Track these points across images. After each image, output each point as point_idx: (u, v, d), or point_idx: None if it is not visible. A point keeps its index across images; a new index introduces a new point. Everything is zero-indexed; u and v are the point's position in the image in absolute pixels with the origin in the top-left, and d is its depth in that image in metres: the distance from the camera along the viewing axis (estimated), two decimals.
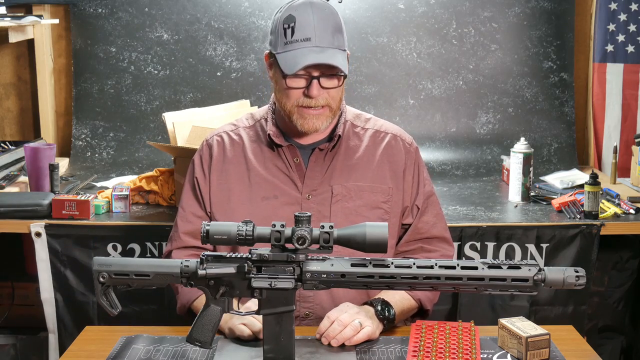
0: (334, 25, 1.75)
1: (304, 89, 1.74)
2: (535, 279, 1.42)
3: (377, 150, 1.89)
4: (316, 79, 1.73)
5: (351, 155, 1.87)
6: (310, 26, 1.72)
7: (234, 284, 1.49)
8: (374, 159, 1.88)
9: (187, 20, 3.27)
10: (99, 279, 1.50)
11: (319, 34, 1.72)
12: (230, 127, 1.93)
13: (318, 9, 1.74)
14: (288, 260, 1.46)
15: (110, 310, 1.53)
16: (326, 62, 1.71)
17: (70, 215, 2.42)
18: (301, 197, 1.83)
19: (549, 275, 1.42)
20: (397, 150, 1.90)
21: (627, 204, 2.59)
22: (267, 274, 1.47)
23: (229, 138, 1.90)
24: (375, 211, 1.84)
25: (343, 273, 1.46)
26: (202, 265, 1.48)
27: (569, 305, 2.50)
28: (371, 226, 1.43)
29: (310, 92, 1.73)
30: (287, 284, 1.47)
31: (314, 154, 1.85)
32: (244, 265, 1.47)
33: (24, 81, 3.36)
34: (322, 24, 1.73)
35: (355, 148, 1.88)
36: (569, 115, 3.32)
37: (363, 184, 1.85)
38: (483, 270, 1.43)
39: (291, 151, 1.85)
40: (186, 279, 1.49)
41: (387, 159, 1.88)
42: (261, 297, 1.48)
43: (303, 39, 1.72)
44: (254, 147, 1.88)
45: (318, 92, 1.74)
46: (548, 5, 3.29)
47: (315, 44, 1.72)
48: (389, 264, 1.45)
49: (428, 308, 1.87)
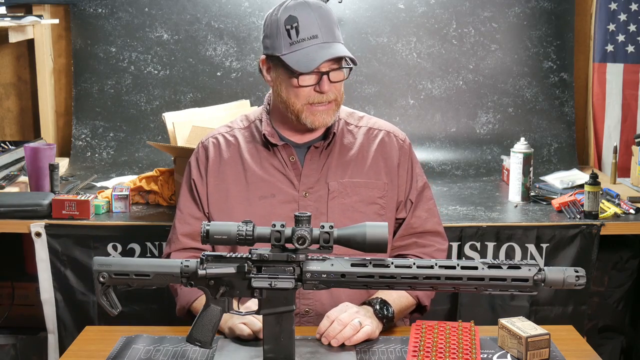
0: (334, 20, 1.80)
1: (315, 85, 1.77)
2: (535, 279, 1.42)
3: (371, 147, 1.91)
4: (326, 74, 1.76)
5: (346, 153, 1.89)
6: (314, 24, 1.75)
7: (234, 284, 1.49)
8: (368, 156, 1.90)
9: (187, 20, 3.27)
10: (99, 279, 1.50)
11: (324, 31, 1.76)
12: (225, 129, 1.95)
13: (315, 7, 1.78)
14: (288, 260, 1.46)
15: (110, 310, 1.53)
16: (342, 55, 1.76)
17: (70, 215, 2.42)
18: (298, 194, 1.84)
19: (549, 275, 1.42)
20: (390, 146, 1.92)
21: (627, 204, 2.59)
22: (267, 274, 1.47)
23: (225, 139, 1.91)
24: (371, 206, 1.86)
25: (343, 273, 1.46)
26: (202, 265, 1.48)
27: (569, 305, 2.50)
28: (371, 226, 1.44)
29: (322, 87, 1.77)
30: (287, 284, 1.47)
31: (309, 152, 1.86)
32: (244, 265, 1.47)
33: (24, 81, 3.36)
34: (324, 21, 1.77)
35: (349, 145, 1.90)
36: (569, 115, 3.32)
37: (359, 180, 1.87)
38: (483, 270, 1.43)
39: (287, 150, 1.86)
40: (186, 279, 1.49)
41: (381, 155, 1.90)
42: (261, 297, 1.48)
43: (310, 36, 1.75)
44: (249, 148, 1.89)
45: (329, 87, 1.77)
46: (548, 5, 3.29)
47: (323, 40, 1.75)
48: (389, 264, 1.46)
49: (426, 304, 1.87)
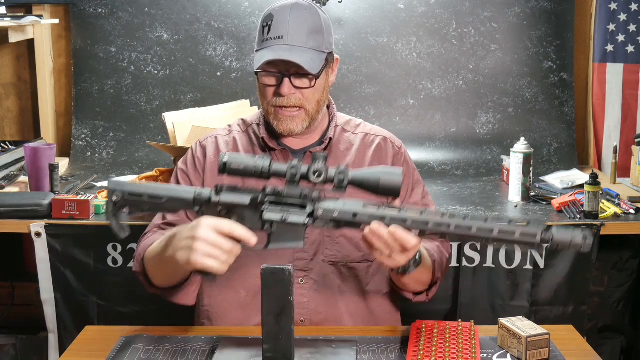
0: (312, 26, 1.76)
1: (276, 87, 1.76)
2: (543, 236, 1.42)
3: (368, 152, 1.90)
4: (287, 77, 1.74)
5: (342, 158, 1.88)
6: (284, 25, 1.73)
7: (245, 215, 1.49)
8: (364, 161, 1.89)
9: (187, 20, 3.27)
10: (111, 198, 1.49)
11: (292, 33, 1.73)
12: (224, 131, 1.95)
13: (298, 9, 1.75)
14: (302, 195, 1.48)
15: (118, 232, 1.53)
16: (287, 59, 1.71)
17: (70, 215, 2.42)
18: None
19: (557, 235, 1.42)
20: (386, 151, 1.92)
21: (627, 204, 2.59)
22: (280, 207, 1.48)
23: (224, 140, 1.91)
24: None
25: (355, 213, 1.46)
26: (217, 193, 1.48)
27: (569, 305, 2.50)
28: (385, 170, 1.46)
29: (281, 90, 1.75)
30: (299, 218, 1.47)
31: (305, 158, 1.86)
32: (257, 197, 1.48)
33: (24, 81, 3.36)
34: (297, 24, 1.74)
35: (345, 151, 1.90)
36: (569, 115, 3.32)
37: None
38: (492, 223, 1.43)
39: (284, 155, 1.86)
40: (199, 205, 1.49)
41: (377, 160, 1.90)
42: (271, 230, 1.49)
43: (276, 37, 1.74)
44: (247, 151, 1.89)
45: (289, 91, 1.75)
46: (548, 5, 3.29)
47: (286, 42, 1.73)
48: (401, 209, 1.46)
49: (438, 276, 1.84)
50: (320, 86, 1.78)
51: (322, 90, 1.80)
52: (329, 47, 1.80)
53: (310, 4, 1.79)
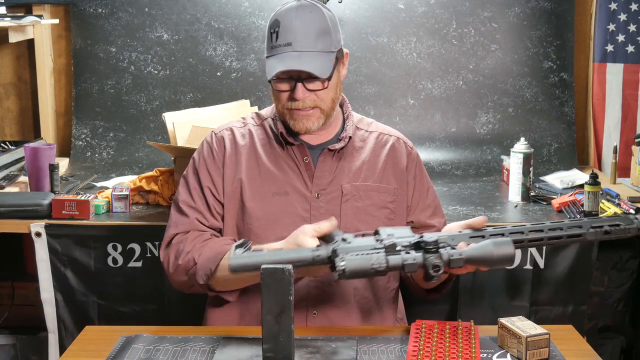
0: (319, 28, 1.76)
1: (290, 91, 1.77)
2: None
3: (382, 152, 1.93)
4: (300, 81, 1.75)
5: (358, 157, 1.91)
6: (292, 31, 1.74)
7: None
8: (379, 160, 1.91)
9: (187, 20, 3.27)
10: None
11: (300, 39, 1.74)
12: (239, 123, 1.95)
13: (303, 12, 1.76)
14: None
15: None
16: (297, 69, 1.73)
17: (70, 215, 2.42)
18: (310, 195, 1.85)
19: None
20: (400, 152, 1.95)
21: (627, 204, 2.59)
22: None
23: (239, 132, 1.92)
24: (382, 211, 1.88)
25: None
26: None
27: (569, 305, 2.50)
28: (496, 242, 1.50)
29: (296, 95, 1.76)
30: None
31: (322, 154, 1.87)
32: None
33: (24, 81, 3.36)
34: (304, 28, 1.74)
35: (360, 150, 1.92)
36: (569, 115, 3.32)
37: (371, 184, 1.89)
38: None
39: (301, 150, 1.87)
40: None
41: (391, 160, 1.92)
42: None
43: (285, 43, 1.75)
44: (263, 144, 1.89)
45: (303, 95, 1.77)
46: (548, 5, 3.29)
47: (294, 48, 1.74)
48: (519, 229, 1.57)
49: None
50: (333, 85, 1.80)
51: (335, 88, 1.82)
52: (337, 45, 1.81)
53: (312, 3, 1.79)
